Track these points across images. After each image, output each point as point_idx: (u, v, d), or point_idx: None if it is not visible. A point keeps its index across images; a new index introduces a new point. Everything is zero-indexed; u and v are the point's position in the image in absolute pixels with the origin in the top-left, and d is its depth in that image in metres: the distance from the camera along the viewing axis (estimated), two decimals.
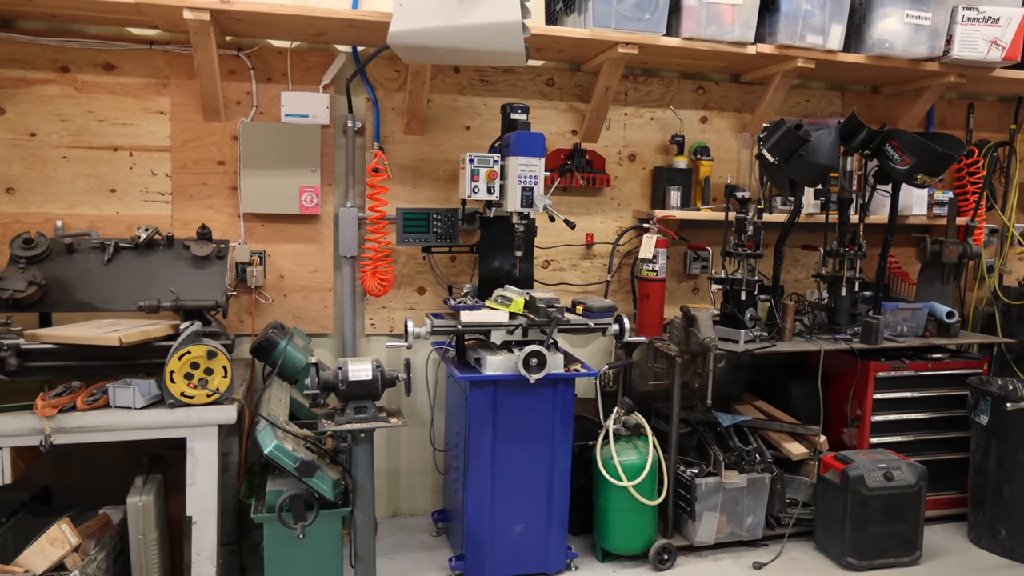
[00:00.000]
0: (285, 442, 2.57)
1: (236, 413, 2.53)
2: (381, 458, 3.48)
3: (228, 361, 2.52)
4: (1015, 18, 3.45)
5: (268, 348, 2.85)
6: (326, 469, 2.65)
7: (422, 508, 3.60)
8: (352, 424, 2.68)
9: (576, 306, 3.13)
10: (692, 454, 3.33)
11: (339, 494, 2.63)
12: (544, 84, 3.58)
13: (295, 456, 2.55)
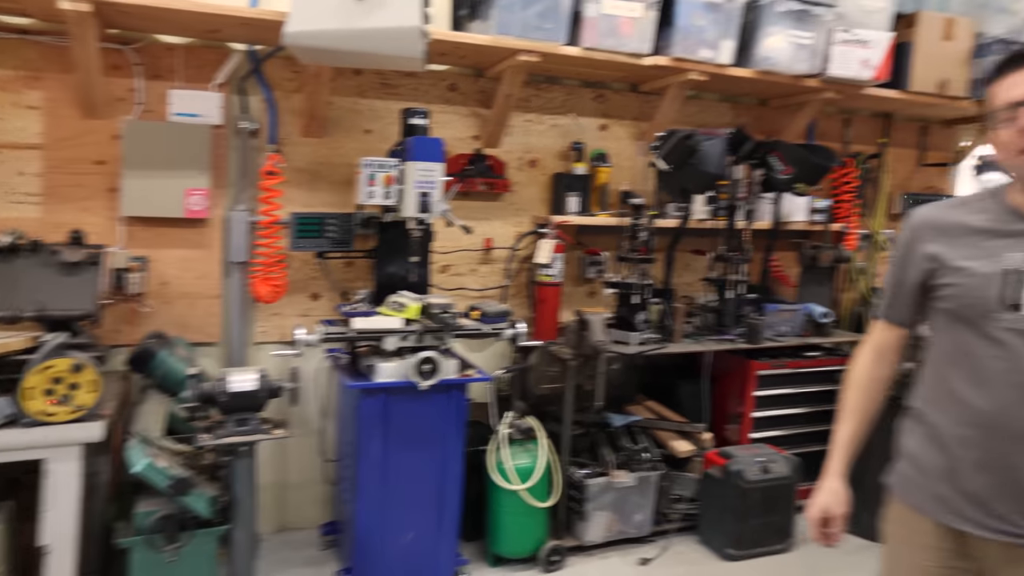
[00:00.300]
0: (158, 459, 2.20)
1: (103, 430, 2.13)
2: (268, 471, 3.07)
3: (97, 375, 2.12)
4: (883, 41, 3.33)
5: (145, 359, 2.45)
6: (203, 486, 2.29)
7: (311, 521, 3.19)
8: (232, 437, 2.33)
9: (472, 311, 2.82)
10: (585, 455, 3.08)
11: (217, 512, 2.26)
12: (447, 89, 3.23)
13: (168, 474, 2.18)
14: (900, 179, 4.22)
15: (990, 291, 1.36)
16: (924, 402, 1.52)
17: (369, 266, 3.08)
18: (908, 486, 1.51)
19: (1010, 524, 1.37)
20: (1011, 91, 1.33)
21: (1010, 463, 1.36)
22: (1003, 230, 1.39)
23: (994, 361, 1.37)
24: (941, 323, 1.48)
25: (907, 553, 1.51)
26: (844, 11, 3.31)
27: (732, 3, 3.12)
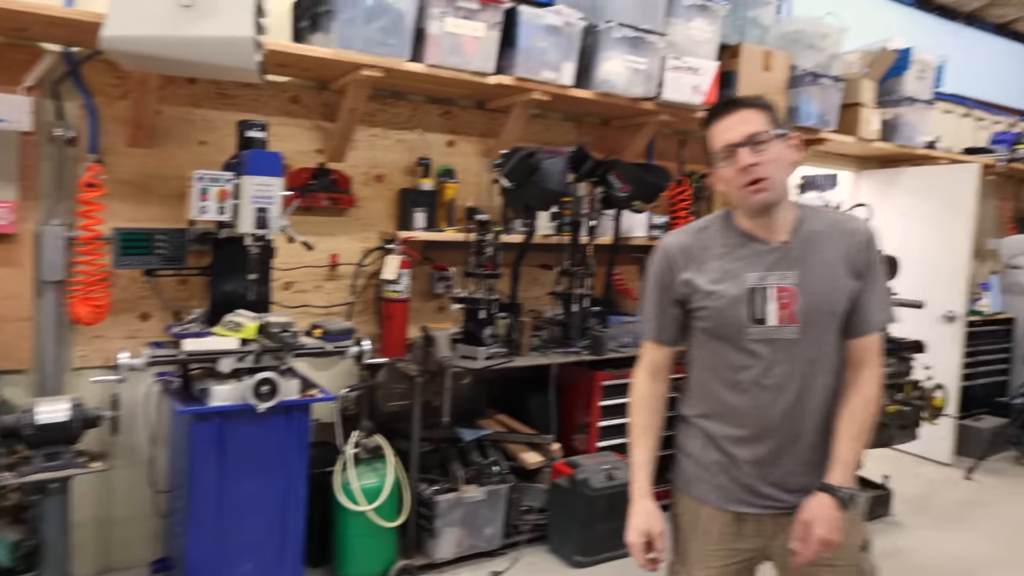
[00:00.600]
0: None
1: None
2: (89, 506, 2.87)
3: None
4: (711, 69, 3.65)
5: None
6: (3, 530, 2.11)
7: (140, 559, 2.99)
8: (40, 474, 2.17)
9: (315, 329, 2.80)
10: (435, 472, 3.13)
11: (20, 559, 2.10)
12: (289, 101, 3.21)
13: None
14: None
15: (740, 310, 1.58)
16: (696, 410, 1.71)
17: (204, 284, 2.97)
18: (693, 481, 1.71)
19: (774, 500, 1.64)
20: (726, 134, 1.55)
21: (770, 453, 1.62)
22: (739, 253, 1.61)
23: (749, 369, 1.60)
24: (702, 339, 1.66)
25: (694, 539, 1.70)
26: (675, 40, 3.62)
27: (572, 27, 3.32)
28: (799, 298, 1.57)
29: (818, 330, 1.59)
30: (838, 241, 1.60)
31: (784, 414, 1.60)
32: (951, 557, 3.52)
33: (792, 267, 1.58)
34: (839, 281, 1.59)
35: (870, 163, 5.38)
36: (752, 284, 1.58)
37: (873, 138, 4.58)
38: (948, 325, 4.78)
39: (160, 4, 2.30)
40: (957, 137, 5.81)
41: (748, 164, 1.52)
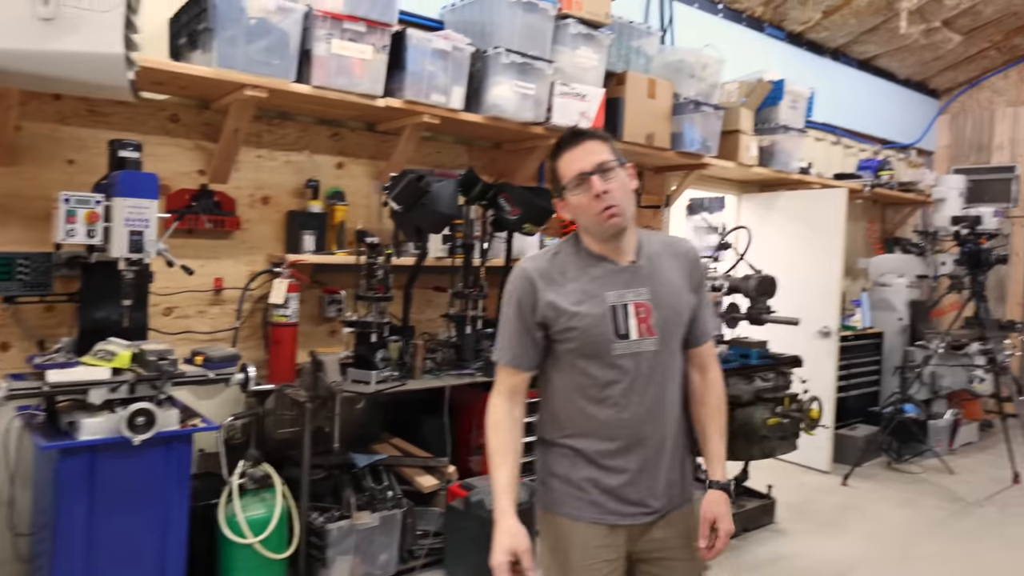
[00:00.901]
0: None
1: None
2: None
3: None
4: (597, 96, 3.89)
5: None
6: None
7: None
8: None
9: (196, 356, 2.75)
10: (328, 499, 3.11)
11: None
12: (167, 120, 3.17)
13: None
14: None
15: (605, 327, 1.69)
16: (561, 431, 1.78)
17: (73, 311, 2.86)
18: (565, 500, 1.77)
19: (644, 507, 1.76)
20: (576, 164, 1.67)
21: (641, 461, 1.73)
22: (594, 274, 1.72)
23: (617, 384, 1.71)
24: (566, 360, 1.74)
25: (572, 557, 1.75)
26: (562, 67, 3.81)
27: (460, 52, 3.44)
28: (654, 312, 1.72)
29: (670, 340, 1.76)
30: (674, 260, 1.80)
31: (650, 422, 1.73)
32: (829, 561, 3.80)
33: (644, 284, 1.73)
34: (683, 295, 1.78)
35: (750, 187, 5.81)
36: (612, 302, 1.70)
37: (752, 163, 4.96)
38: (823, 340, 5.19)
39: (15, 16, 2.21)
40: (828, 163, 6.37)
41: (602, 191, 1.64)
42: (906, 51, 6.58)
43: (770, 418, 3.83)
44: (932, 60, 6.89)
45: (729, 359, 3.88)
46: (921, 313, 6.29)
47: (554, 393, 1.78)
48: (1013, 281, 7.24)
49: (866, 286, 6.69)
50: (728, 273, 4.17)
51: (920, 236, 6.48)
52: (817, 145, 6.29)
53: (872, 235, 7.03)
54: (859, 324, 6.09)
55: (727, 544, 1.73)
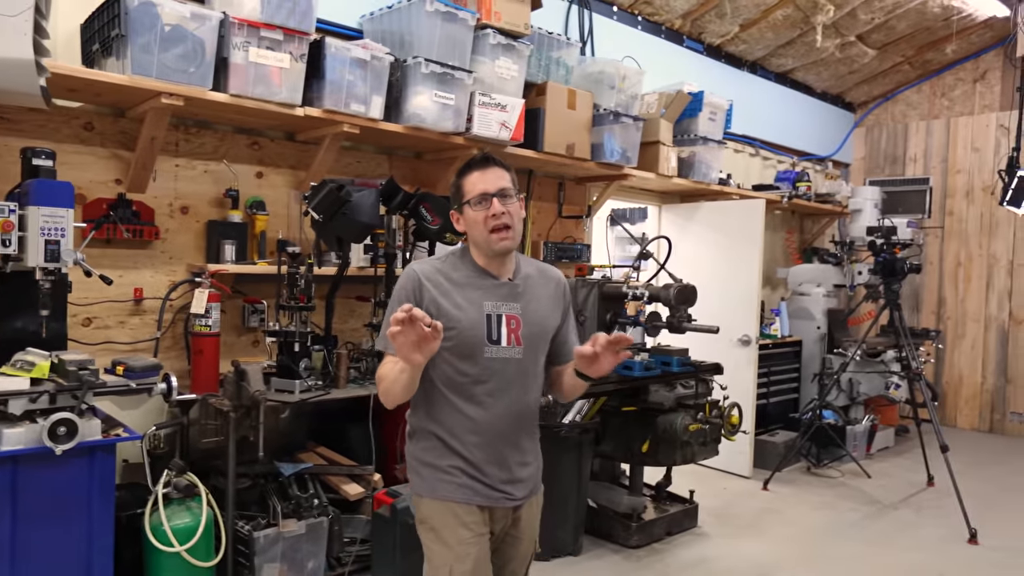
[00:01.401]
0: None
1: None
2: None
3: None
4: (517, 106, 4.26)
5: None
6: None
7: None
8: None
9: (117, 366, 2.98)
10: (255, 508, 3.37)
11: None
12: (82, 128, 3.38)
13: None
14: (543, 229, 5.31)
15: (479, 331, 2.06)
16: (431, 422, 2.12)
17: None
18: (437, 485, 2.12)
19: (505, 494, 2.13)
20: (481, 184, 2.05)
21: (500, 454, 2.11)
22: (477, 284, 2.10)
23: (484, 384, 2.08)
24: (443, 358, 2.04)
25: (449, 534, 2.09)
26: (482, 77, 4.18)
27: (379, 61, 3.76)
28: (523, 325, 2.12)
29: (533, 351, 2.16)
30: (545, 284, 2.23)
31: (509, 421, 2.12)
32: (750, 562, 4.24)
33: (517, 300, 2.13)
34: (549, 316, 2.21)
35: (670, 198, 6.34)
36: (489, 311, 2.08)
37: (671, 174, 5.45)
38: (743, 348, 5.72)
39: None
40: (747, 174, 6.99)
41: (500, 211, 2.03)
42: (822, 65, 7.25)
43: (691, 424, 4.21)
44: (848, 74, 7.61)
45: (650, 367, 4.26)
46: (838, 321, 6.95)
47: (429, 388, 2.09)
48: (927, 290, 8.05)
49: (785, 295, 7.33)
50: (649, 282, 4.59)
51: (837, 246, 7.13)
52: (736, 156, 6.90)
53: (791, 245, 7.71)
54: (778, 332, 6.68)
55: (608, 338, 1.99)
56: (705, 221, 6.07)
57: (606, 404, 4.35)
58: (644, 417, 4.29)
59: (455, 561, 2.07)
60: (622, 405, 4.33)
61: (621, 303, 4.70)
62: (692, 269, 4.75)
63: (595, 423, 4.27)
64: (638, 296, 4.41)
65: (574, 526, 4.17)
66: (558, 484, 4.02)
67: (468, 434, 2.09)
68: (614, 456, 4.59)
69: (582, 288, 4.71)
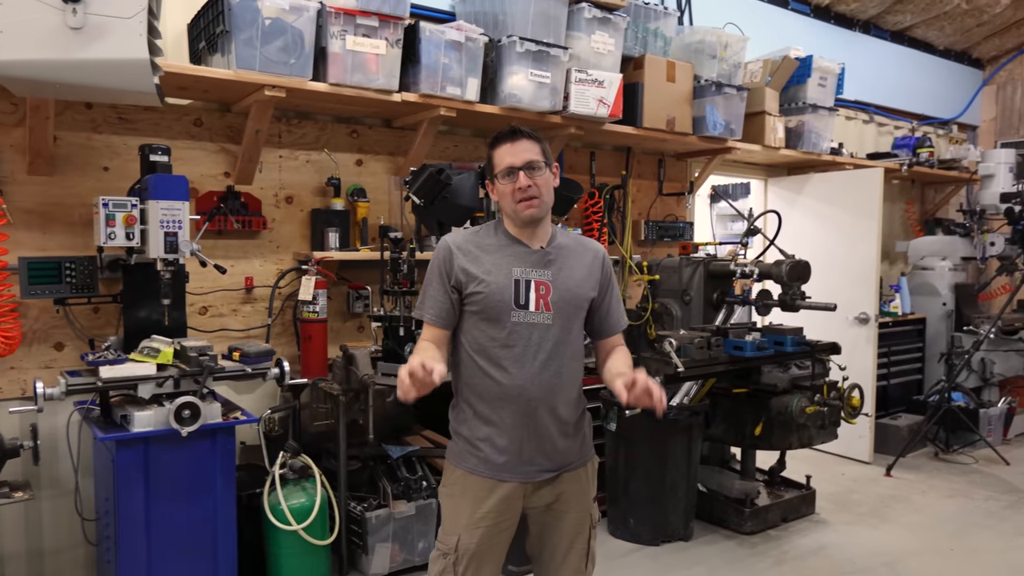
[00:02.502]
0: None
1: None
2: (18, 538, 3.20)
3: None
4: (615, 82, 4.26)
5: None
6: None
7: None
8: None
9: (233, 352, 3.19)
10: (364, 489, 3.54)
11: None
12: (192, 124, 3.61)
13: None
14: (643, 208, 5.31)
15: (506, 295, 2.14)
16: (464, 388, 2.22)
17: (118, 311, 3.33)
18: (463, 455, 2.22)
19: (535, 466, 2.18)
20: (510, 158, 2.13)
21: (531, 422, 2.15)
22: (507, 252, 2.19)
23: (512, 348, 2.14)
24: (472, 322, 2.18)
25: (466, 507, 2.17)
26: (578, 53, 4.21)
27: (474, 43, 3.84)
28: (553, 291, 2.17)
29: (565, 319, 2.19)
30: (581, 254, 2.28)
31: (541, 388, 2.14)
32: (873, 551, 4.14)
33: (548, 267, 2.19)
34: (583, 285, 2.24)
35: (777, 170, 6.20)
36: (517, 276, 2.15)
37: (778, 146, 5.34)
38: (861, 327, 5.57)
39: (47, 27, 2.57)
40: (861, 143, 6.75)
41: (526, 185, 2.11)
42: (945, 19, 6.89)
43: (808, 406, 4.10)
44: (975, 27, 7.17)
45: (763, 346, 4.17)
46: (968, 297, 6.63)
47: (462, 354, 2.22)
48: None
49: (905, 270, 7.05)
50: (758, 259, 4.51)
51: (965, 216, 6.81)
52: (848, 124, 6.67)
53: (911, 216, 7.40)
54: (898, 310, 6.44)
55: (646, 383, 1.98)
56: (816, 194, 5.92)
57: (716, 386, 4.33)
58: (756, 399, 4.23)
59: (463, 532, 2.16)
60: (733, 387, 4.28)
61: (728, 281, 4.68)
62: (803, 245, 4.65)
63: (704, 405, 4.26)
64: (747, 274, 4.36)
65: (685, 511, 4.18)
66: (667, 468, 4.05)
67: (496, 400, 2.15)
68: (725, 439, 4.56)
69: (686, 267, 4.71)
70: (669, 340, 3.82)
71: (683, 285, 4.73)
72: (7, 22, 2.55)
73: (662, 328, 4.70)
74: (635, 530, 4.10)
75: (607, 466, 4.20)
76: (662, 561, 3.95)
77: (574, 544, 2.27)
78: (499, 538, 2.20)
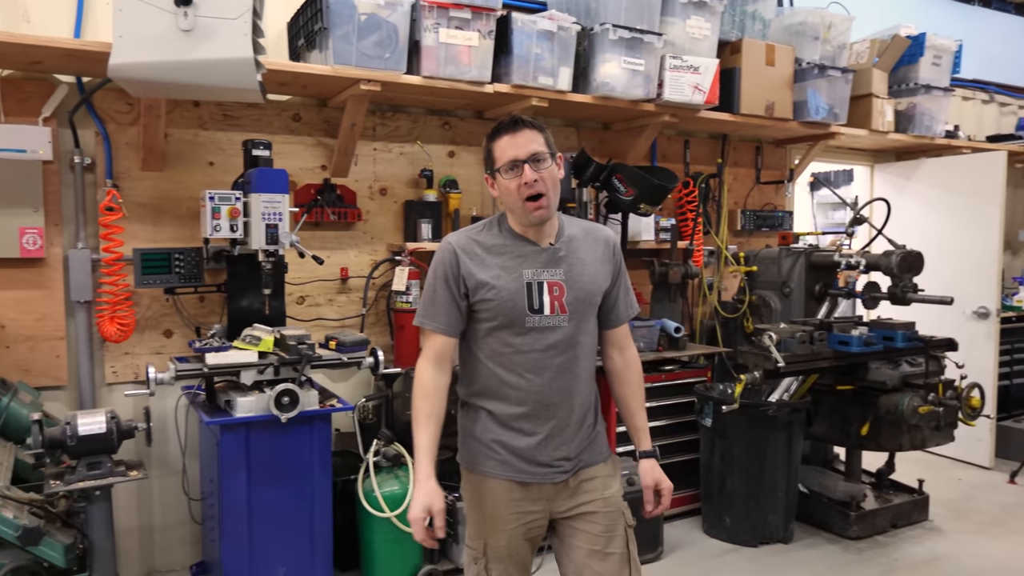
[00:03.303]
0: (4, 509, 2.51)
1: None
2: (132, 514, 3.45)
3: None
4: (711, 67, 4.19)
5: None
6: (57, 534, 2.61)
7: (180, 563, 3.59)
8: (84, 482, 2.67)
9: (329, 341, 3.32)
10: (455, 479, 3.58)
11: (74, 560, 2.60)
12: (291, 119, 3.77)
13: (16, 524, 2.49)
14: (739, 197, 5.21)
15: (520, 301, 2.05)
16: (478, 395, 2.15)
17: (222, 300, 3.52)
18: (478, 458, 2.15)
19: (553, 468, 2.11)
20: (512, 150, 2.01)
21: (548, 427, 2.09)
22: (515, 252, 2.08)
23: (527, 354, 2.07)
24: (484, 328, 2.09)
25: (487, 510, 2.13)
26: (672, 39, 4.17)
27: (566, 32, 3.86)
28: (567, 291, 2.08)
29: (580, 319, 2.11)
30: (593, 245, 2.17)
31: (558, 392, 2.09)
32: (997, 564, 3.92)
33: (560, 265, 2.09)
34: (597, 278, 2.15)
35: (884, 156, 5.97)
36: (529, 279, 2.06)
37: (887, 130, 5.13)
38: (981, 321, 5.30)
39: (161, 30, 2.75)
40: (980, 124, 6.41)
41: (532, 179, 1.99)
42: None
43: (921, 406, 3.91)
44: None
45: (871, 341, 4.02)
46: None
47: (472, 359, 2.15)
48: None
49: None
50: (865, 250, 4.35)
51: None
52: (965, 105, 6.35)
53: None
54: (1022, 304, 6.10)
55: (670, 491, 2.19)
56: (928, 180, 5.67)
57: (818, 382, 4.20)
58: (863, 397, 4.09)
59: (490, 535, 2.12)
60: (837, 383, 4.15)
61: (832, 273, 4.55)
62: (913, 234, 4.48)
63: (806, 402, 4.15)
64: (853, 265, 4.22)
65: (784, 512, 4.09)
66: (766, 466, 3.97)
67: (514, 406, 2.09)
68: (828, 439, 4.43)
69: (786, 258, 4.60)
70: (769, 334, 3.74)
71: (783, 277, 4.62)
72: (126, 27, 2.74)
73: (759, 321, 4.62)
74: (731, 530, 4.04)
75: (701, 462, 4.16)
76: (761, 563, 3.88)
77: (610, 548, 2.14)
78: (525, 541, 2.15)
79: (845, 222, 4.61)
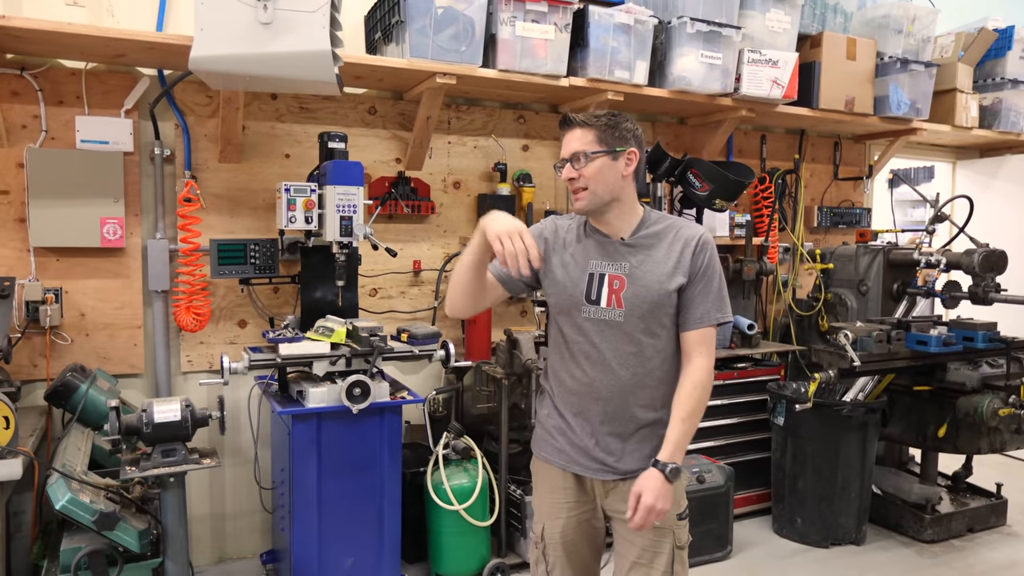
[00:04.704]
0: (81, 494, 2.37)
1: (21, 467, 2.30)
2: (204, 502, 3.32)
3: (10, 411, 2.29)
4: (790, 61, 3.84)
5: (66, 393, 2.63)
6: (131, 519, 2.47)
7: (251, 550, 3.44)
8: (159, 469, 2.52)
9: (401, 333, 3.11)
10: (524, 473, 3.36)
11: (148, 545, 2.45)
12: (366, 112, 3.56)
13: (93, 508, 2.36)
14: (816, 193, 4.81)
15: (579, 290, 1.94)
16: (547, 377, 2.11)
17: (295, 291, 3.35)
18: (541, 443, 2.09)
19: (603, 466, 1.97)
20: (563, 148, 1.94)
21: (598, 422, 1.96)
22: (587, 243, 1.99)
23: (581, 344, 1.96)
24: (552, 314, 2.05)
25: (546, 494, 2.07)
26: (751, 32, 3.83)
27: (643, 25, 3.57)
28: (627, 286, 1.93)
29: (642, 317, 1.93)
30: (671, 244, 1.96)
31: (609, 388, 1.94)
32: None
33: (625, 260, 1.94)
34: (666, 279, 1.92)
35: (968, 152, 5.46)
36: (591, 270, 1.95)
37: (971, 126, 4.68)
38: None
39: (241, 23, 2.61)
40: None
41: (567, 178, 1.92)
42: None
43: (1001, 408, 3.62)
44: None
45: (950, 341, 3.70)
46: None
47: (549, 345, 2.11)
48: None
49: None
50: (946, 248, 4.02)
51: None
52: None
53: None
54: None
55: (648, 519, 1.84)
56: (1013, 177, 5.19)
57: (894, 382, 3.88)
58: (940, 398, 3.77)
59: (547, 519, 2.06)
60: (914, 384, 3.83)
61: (910, 271, 4.19)
62: (997, 233, 4.08)
63: (881, 402, 3.80)
64: (933, 263, 3.89)
65: (857, 513, 3.74)
66: (839, 467, 3.65)
67: (568, 395, 2.01)
68: (903, 440, 4.07)
69: (864, 256, 4.24)
70: (845, 332, 3.45)
71: (859, 275, 4.25)
72: (207, 20, 2.60)
73: (835, 319, 4.28)
74: (802, 530, 3.71)
75: (772, 461, 3.84)
76: (832, 565, 3.56)
77: (654, 563, 1.97)
78: (583, 531, 2.05)
79: (925, 220, 4.20)
